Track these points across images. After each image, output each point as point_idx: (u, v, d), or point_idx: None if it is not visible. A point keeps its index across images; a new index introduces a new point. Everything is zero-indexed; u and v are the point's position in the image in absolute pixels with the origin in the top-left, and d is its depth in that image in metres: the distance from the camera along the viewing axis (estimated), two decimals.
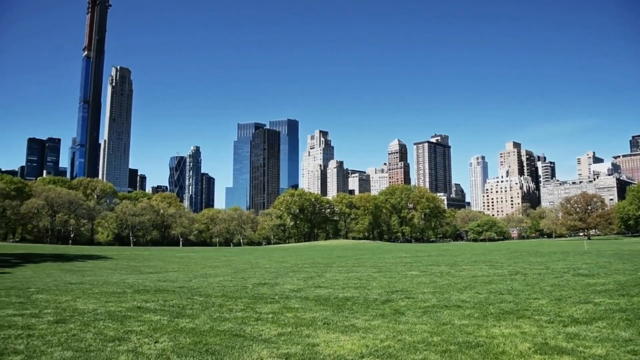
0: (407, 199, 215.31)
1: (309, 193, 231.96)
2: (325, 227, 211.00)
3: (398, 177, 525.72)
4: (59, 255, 57.27)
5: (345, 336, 9.73)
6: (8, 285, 20.14)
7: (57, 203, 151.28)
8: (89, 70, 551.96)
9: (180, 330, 10.33)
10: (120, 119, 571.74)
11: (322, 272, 27.96)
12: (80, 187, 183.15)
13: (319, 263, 38.42)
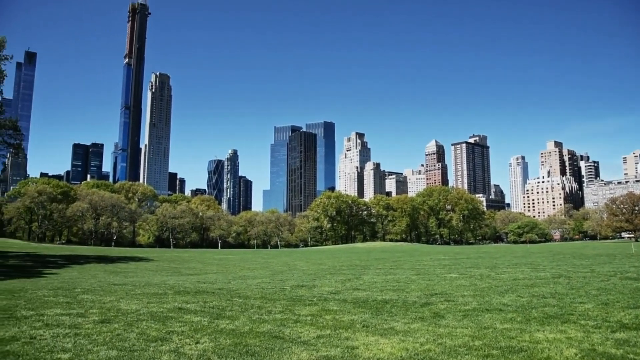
0: (445, 201, 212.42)
1: (345, 195, 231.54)
2: (362, 229, 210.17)
3: (435, 179, 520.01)
4: (103, 257, 58.85)
5: (385, 339, 9.66)
6: (56, 286, 20.81)
7: (101, 206, 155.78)
8: (130, 77, 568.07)
9: (221, 332, 10.45)
10: (160, 124, 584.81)
11: (360, 274, 27.86)
12: (122, 190, 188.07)
13: (357, 265, 38.29)
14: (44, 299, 15.80)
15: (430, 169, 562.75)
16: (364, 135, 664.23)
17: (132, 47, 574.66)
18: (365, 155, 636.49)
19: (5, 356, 8.24)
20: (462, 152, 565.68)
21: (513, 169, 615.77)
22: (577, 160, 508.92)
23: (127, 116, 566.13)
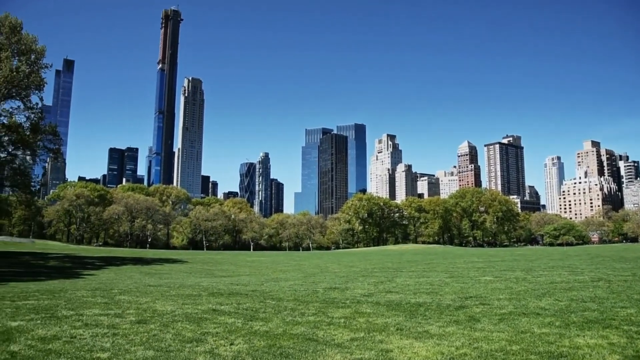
0: (479, 202, 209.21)
1: (377, 197, 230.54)
2: (394, 231, 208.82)
3: (468, 180, 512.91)
4: (138, 258, 60.00)
5: (419, 342, 9.55)
6: (94, 287, 21.31)
7: (136, 209, 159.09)
8: (164, 82, 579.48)
9: (255, 333, 10.50)
10: (192, 128, 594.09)
11: (393, 276, 27.66)
12: (157, 193, 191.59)
13: (389, 268, 38.04)
14: (83, 300, 16.18)
15: (463, 171, 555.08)
16: (395, 137, 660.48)
17: (165, 53, 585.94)
18: (396, 157, 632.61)
19: (47, 354, 8.47)
20: (495, 153, 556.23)
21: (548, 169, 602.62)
22: (615, 160, 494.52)
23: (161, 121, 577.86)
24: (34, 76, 52.07)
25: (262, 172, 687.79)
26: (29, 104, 54.79)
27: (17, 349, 8.82)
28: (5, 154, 56.71)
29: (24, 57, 52.13)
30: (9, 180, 58.66)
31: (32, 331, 10.44)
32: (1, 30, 51.43)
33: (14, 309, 13.64)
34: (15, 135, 54.37)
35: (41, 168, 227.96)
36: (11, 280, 26.70)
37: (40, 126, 56.42)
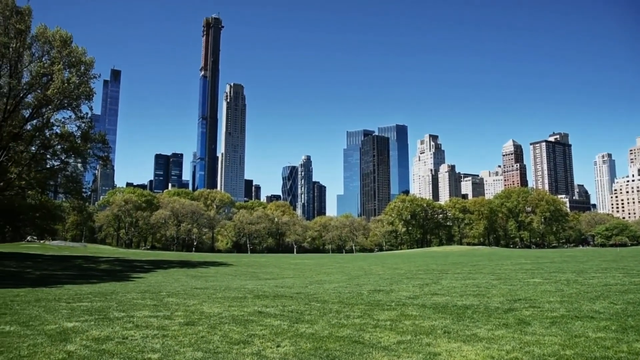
0: (525, 202, 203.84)
1: (420, 198, 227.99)
2: (438, 232, 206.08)
3: (514, 180, 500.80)
4: (185, 261, 61.24)
5: (468, 346, 9.36)
6: (143, 289, 21.86)
7: (182, 213, 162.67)
8: (206, 88, 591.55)
9: (301, 335, 10.53)
10: (235, 133, 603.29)
11: (438, 278, 27.26)
12: (201, 198, 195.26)
13: (434, 270, 37.52)
14: (133, 302, 16.61)
15: (508, 170, 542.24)
16: (437, 137, 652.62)
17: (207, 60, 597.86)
18: (439, 158, 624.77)
19: (101, 354, 8.73)
20: (541, 151, 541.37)
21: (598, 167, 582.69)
22: None
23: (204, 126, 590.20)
24: (83, 87, 53.99)
25: (304, 175, 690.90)
26: (80, 114, 56.84)
27: (73, 349, 9.13)
28: (59, 162, 58.99)
29: (74, 68, 54.11)
30: (62, 187, 60.97)
31: (86, 332, 10.79)
32: (53, 44, 53.56)
33: (70, 310, 14.14)
34: (67, 144, 56.48)
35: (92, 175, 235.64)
36: (66, 282, 27.71)
37: (90, 135, 58.44)
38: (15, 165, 54.92)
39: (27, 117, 56.42)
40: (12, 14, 51.50)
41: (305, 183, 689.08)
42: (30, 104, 55.31)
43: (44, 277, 32.99)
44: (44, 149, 57.98)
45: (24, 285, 25.28)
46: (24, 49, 52.94)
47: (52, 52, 53.81)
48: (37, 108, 54.67)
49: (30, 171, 56.17)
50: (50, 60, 53.36)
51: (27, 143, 56.98)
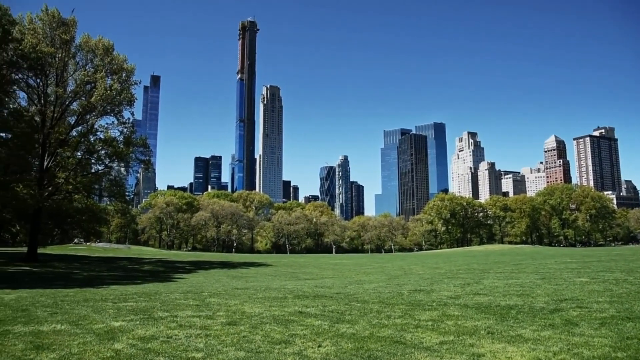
0: (569, 200, 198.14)
1: (459, 197, 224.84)
2: (478, 231, 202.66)
3: (557, 176, 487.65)
4: (225, 262, 62.09)
5: (513, 347, 9.15)
6: (185, 290, 22.27)
7: (221, 215, 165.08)
8: (243, 91, 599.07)
9: (342, 335, 10.52)
10: (272, 134, 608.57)
11: (479, 278, 26.79)
12: (240, 199, 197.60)
13: (475, 269, 36.89)
14: (176, 302, 16.94)
15: (551, 166, 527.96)
16: (476, 135, 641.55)
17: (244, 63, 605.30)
18: (478, 155, 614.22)
19: (147, 353, 8.93)
20: (585, 146, 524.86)
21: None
22: None
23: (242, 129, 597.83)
24: (125, 93, 55.52)
25: (342, 175, 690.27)
26: (122, 119, 58.50)
27: (120, 347, 9.38)
28: (103, 167, 60.76)
29: (116, 75, 55.71)
30: (106, 190, 62.75)
31: (132, 331, 11.06)
32: (96, 53, 55.25)
33: (116, 310, 14.54)
34: (110, 149, 58.14)
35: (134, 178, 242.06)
36: (112, 283, 28.50)
37: (132, 139, 60.01)
38: (62, 170, 56.81)
39: (73, 124, 58.33)
40: (58, 25, 53.38)
41: (342, 183, 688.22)
42: (76, 111, 57.17)
43: (91, 278, 34.02)
44: (89, 154, 59.82)
45: (72, 285, 26.13)
46: (68, 58, 54.79)
47: (95, 60, 55.50)
48: (81, 115, 56.47)
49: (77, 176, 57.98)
50: (94, 68, 55.06)
51: (73, 149, 58.89)
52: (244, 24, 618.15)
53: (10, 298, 18.08)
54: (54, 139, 55.85)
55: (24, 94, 55.87)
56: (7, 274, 35.92)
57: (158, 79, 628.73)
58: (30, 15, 53.46)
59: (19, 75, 50.61)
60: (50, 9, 54.04)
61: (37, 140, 54.12)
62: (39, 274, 35.88)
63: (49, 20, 53.46)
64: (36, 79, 53.92)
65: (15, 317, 13.20)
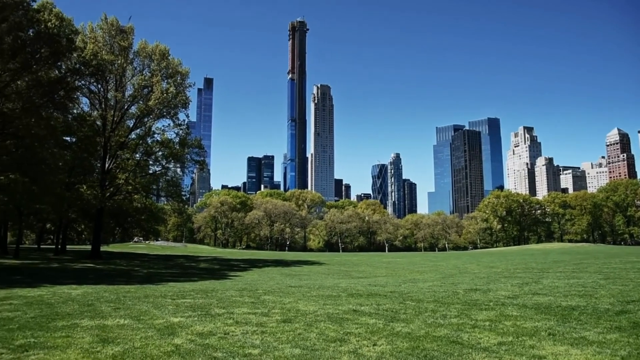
0: (634, 195, 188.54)
1: (516, 194, 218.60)
2: (536, 229, 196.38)
3: (620, 171, 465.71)
4: (278, 260, 62.82)
5: (577, 349, 8.81)
6: (241, 287, 22.67)
7: (274, 213, 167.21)
8: (294, 91, 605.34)
9: (397, 334, 10.43)
10: (323, 133, 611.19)
11: (538, 277, 25.97)
12: (293, 198, 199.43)
13: (533, 268, 35.80)
14: (232, 299, 17.27)
15: (613, 161, 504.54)
16: (532, 129, 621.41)
17: (294, 63, 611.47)
18: (535, 151, 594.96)
19: (205, 348, 9.16)
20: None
21: None
22: None
23: (293, 128, 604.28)
24: (180, 96, 57.18)
25: (394, 172, 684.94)
26: (177, 121, 60.27)
27: (179, 342, 9.66)
28: (160, 168, 62.77)
29: (172, 79, 57.46)
30: (164, 190, 64.79)
31: (191, 327, 11.37)
32: (152, 58, 57.13)
33: (175, 307, 14.97)
34: (167, 150, 60.00)
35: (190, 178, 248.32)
36: (170, 280, 29.37)
37: (187, 141, 61.71)
38: (122, 171, 59.06)
39: (132, 127, 60.52)
40: (116, 32, 55.55)
41: (395, 181, 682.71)
42: (134, 115, 59.32)
43: (151, 275, 35.19)
44: (147, 155, 61.92)
45: (133, 282, 27.12)
46: (127, 64, 56.88)
47: (151, 65, 57.38)
48: (140, 118, 58.53)
49: (136, 177, 60.16)
50: (150, 72, 56.94)
51: (132, 151, 61.11)
52: (294, 24, 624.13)
53: (77, 293, 18.95)
54: (115, 141, 58.13)
55: (86, 100, 58.53)
56: (74, 270, 37.67)
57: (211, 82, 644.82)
58: (92, 24, 55.91)
59: (81, 82, 52.96)
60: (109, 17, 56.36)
61: (99, 143, 56.52)
62: (102, 271, 37.44)
63: (108, 29, 55.73)
64: (97, 85, 56.33)
65: (82, 311, 13.82)
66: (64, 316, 12.85)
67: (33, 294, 18.41)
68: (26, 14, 38.99)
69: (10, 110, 43.13)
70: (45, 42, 40.18)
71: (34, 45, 40.42)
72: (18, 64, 39.80)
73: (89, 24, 55.95)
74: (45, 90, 43.24)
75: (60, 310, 14.05)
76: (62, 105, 47.92)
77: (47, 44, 40.41)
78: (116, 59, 54.38)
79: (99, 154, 57.70)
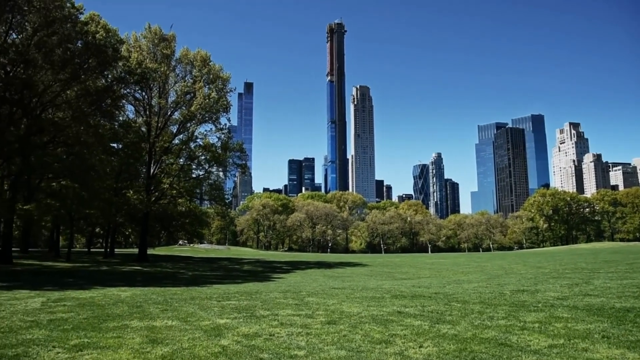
0: None
1: (562, 192, 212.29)
2: (585, 228, 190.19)
3: None
4: (321, 262, 62.93)
5: (634, 353, 8.46)
6: (284, 289, 22.82)
7: (316, 215, 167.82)
8: (333, 93, 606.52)
9: (443, 336, 10.28)
10: (363, 134, 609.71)
11: (589, 278, 25.13)
12: (334, 200, 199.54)
13: (583, 268, 34.67)
14: (276, 301, 17.39)
15: None
16: (579, 125, 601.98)
17: (333, 65, 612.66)
18: (582, 147, 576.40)
19: (251, 350, 9.25)
20: None
21: None
22: None
23: (333, 130, 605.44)
24: (222, 101, 58.18)
25: (436, 172, 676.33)
26: (219, 126, 61.36)
27: (226, 344, 9.79)
28: (203, 172, 63.95)
29: (213, 85, 58.53)
30: (207, 194, 66.02)
31: (236, 328, 11.50)
32: (194, 64, 58.34)
33: (220, 308, 15.19)
34: (210, 155, 61.11)
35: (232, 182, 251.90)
36: (215, 282, 29.86)
37: (229, 145, 62.71)
38: (167, 176, 60.48)
39: (175, 132, 61.92)
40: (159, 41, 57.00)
41: (437, 181, 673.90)
42: (177, 120, 60.68)
43: (196, 277, 35.85)
44: (190, 160, 63.20)
45: (179, 284, 27.70)
46: (169, 71, 58.28)
47: (193, 71, 58.60)
48: (183, 123, 59.83)
49: (180, 181, 61.48)
50: (192, 79, 58.16)
51: (176, 155, 62.49)
52: (332, 27, 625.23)
53: (126, 295, 19.48)
54: (159, 147, 59.62)
55: (132, 107, 60.24)
56: (122, 273, 38.78)
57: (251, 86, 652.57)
58: (135, 34, 57.59)
59: (127, 90, 54.58)
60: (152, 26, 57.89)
61: (144, 149, 58.07)
62: (149, 273, 38.38)
63: (151, 37, 57.24)
64: (142, 92, 57.95)
65: (132, 312, 14.20)
66: (115, 317, 13.23)
67: (85, 296, 19.03)
68: (74, 26, 40.45)
69: (60, 120, 44.88)
70: (93, 52, 41.60)
71: (83, 56, 41.91)
72: (67, 74, 41.33)
73: (133, 34, 57.63)
74: (93, 99, 44.76)
75: (110, 311, 14.48)
76: (109, 113, 49.54)
77: (94, 55, 41.84)
78: (159, 66, 55.78)
79: (144, 160, 59.28)
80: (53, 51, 39.45)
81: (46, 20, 38.18)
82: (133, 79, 50.99)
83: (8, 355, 8.77)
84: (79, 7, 41.15)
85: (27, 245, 70.93)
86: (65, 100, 44.68)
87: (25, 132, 41.10)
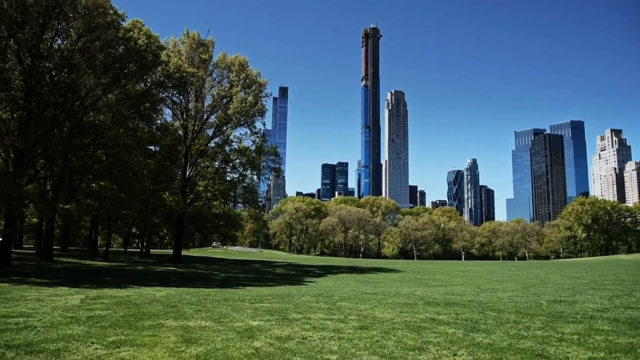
0: None
1: (602, 201, 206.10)
2: (626, 238, 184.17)
3: None
4: (353, 267, 62.74)
5: None
6: (316, 293, 22.84)
7: (348, 220, 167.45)
8: (368, 98, 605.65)
9: (477, 345, 10.12)
10: (398, 140, 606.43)
11: (630, 290, 24.34)
12: (367, 205, 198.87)
13: (624, 280, 33.59)
14: (308, 304, 17.42)
15: None
16: (621, 132, 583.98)
17: (368, 70, 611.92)
18: (624, 154, 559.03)
19: (284, 352, 9.29)
20: None
21: None
22: None
23: (367, 135, 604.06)
24: (258, 105, 58.81)
25: (471, 179, 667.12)
26: (254, 130, 62.01)
27: (259, 345, 9.86)
28: (238, 175, 64.68)
29: (250, 89, 59.23)
30: (241, 197, 66.68)
31: (269, 330, 11.57)
32: (232, 69, 59.15)
33: (253, 310, 15.32)
34: (244, 158, 61.78)
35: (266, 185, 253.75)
36: (247, 284, 30.12)
37: (263, 148, 63.30)
38: (202, 179, 61.37)
39: (211, 136, 62.85)
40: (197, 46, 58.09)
41: (471, 187, 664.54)
42: (213, 124, 61.55)
43: (229, 279, 36.23)
44: (225, 163, 64.01)
45: (213, 285, 28.04)
46: (207, 75, 59.22)
47: (230, 76, 59.41)
48: (219, 127, 60.70)
49: (215, 183, 62.30)
50: (229, 83, 58.96)
51: (211, 159, 63.39)
52: (367, 31, 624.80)
53: (161, 295, 19.84)
54: (195, 150, 60.59)
55: (169, 110, 61.48)
56: (157, 273, 39.50)
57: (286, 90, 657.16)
58: (174, 39, 58.78)
59: (165, 94, 55.69)
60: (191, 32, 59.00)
61: (181, 151, 59.12)
62: (184, 274, 38.99)
63: (190, 43, 58.35)
64: (179, 96, 59.04)
65: (167, 312, 14.45)
66: (150, 316, 13.49)
67: (121, 294, 19.47)
68: (117, 32, 41.54)
69: (101, 122, 46.11)
70: (133, 57, 42.63)
71: (123, 61, 42.98)
72: (109, 78, 42.46)
73: (172, 39, 58.88)
74: (133, 102, 45.83)
75: (146, 310, 14.77)
76: (148, 117, 50.65)
77: (135, 60, 42.87)
78: (197, 71, 56.75)
79: (180, 162, 60.34)
80: (95, 56, 40.58)
81: (90, 26, 39.31)
82: (171, 83, 52.00)
83: (50, 349, 9.04)
84: (122, 14, 42.24)
85: (67, 244, 72.98)
86: (106, 104, 45.89)
87: (67, 135, 42.36)
